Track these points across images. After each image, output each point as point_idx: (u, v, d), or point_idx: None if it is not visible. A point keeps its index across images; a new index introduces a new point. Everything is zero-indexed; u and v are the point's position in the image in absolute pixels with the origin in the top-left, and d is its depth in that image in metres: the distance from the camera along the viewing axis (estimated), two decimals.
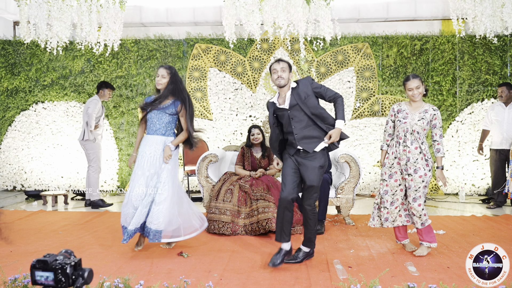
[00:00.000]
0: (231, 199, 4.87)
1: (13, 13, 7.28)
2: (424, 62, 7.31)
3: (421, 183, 3.84)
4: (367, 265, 3.77)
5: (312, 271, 3.60)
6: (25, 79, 7.72)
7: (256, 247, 4.32)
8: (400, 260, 3.90)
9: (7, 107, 7.79)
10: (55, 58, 7.63)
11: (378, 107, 7.35)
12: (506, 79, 7.13)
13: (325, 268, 3.69)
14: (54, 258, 1.41)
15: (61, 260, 1.40)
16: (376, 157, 7.35)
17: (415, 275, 3.50)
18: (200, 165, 5.38)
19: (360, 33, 7.45)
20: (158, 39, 7.61)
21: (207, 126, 7.53)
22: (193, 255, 4.06)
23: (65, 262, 1.39)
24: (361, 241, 4.53)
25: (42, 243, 4.49)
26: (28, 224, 5.31)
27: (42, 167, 7.69)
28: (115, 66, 7.62)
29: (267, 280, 3.42)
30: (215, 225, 4.78)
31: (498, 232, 4.83)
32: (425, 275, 3.51)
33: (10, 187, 7.75)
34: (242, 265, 3.78)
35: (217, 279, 3.43)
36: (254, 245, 4.38)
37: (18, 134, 7.71)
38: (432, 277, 3.44)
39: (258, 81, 7.47)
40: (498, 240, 4.47)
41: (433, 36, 7.31)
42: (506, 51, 7.19)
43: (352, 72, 7.38)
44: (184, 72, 7.57)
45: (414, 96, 3.95)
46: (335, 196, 5.28)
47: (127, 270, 3.57)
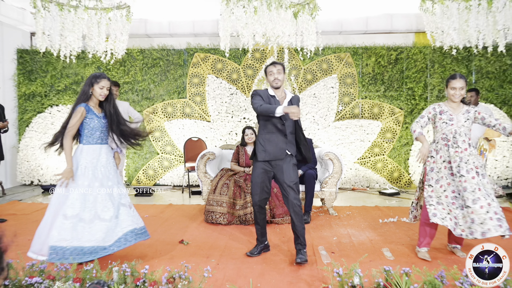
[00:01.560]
0: (227, 192, 4.87)
1: (29, 24, 7.22)
2: (399, 70, 7.35)
3: (475, 184, 3.29)
4: (348, 251, 3.79)
5: None
6: (41, 84, 7.66)
7: (249, 235, 4.33)
8: (377, 246, 3.93)
9: (25, 110, 7.73)
10: (68, 66, 7.57)
11: (358, 110, 7.38)
12: (471, 85, 7.18)
13: (311, 253, 3.70)
14: None
15: None
16: (356, 155, 7.37)
17: (390, 260, 3.53)
18: (199, 162, 5.38)
19: (342, 44, 7.47)
20: (161, 49, 7.58)
21: (205, 127, 7.52)
22: (193, 242, 4.06)
23: None
24: (343, 230, 4.55)
25: None
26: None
27: (57, 163, 7.64)
28: (123, 73, 7.59)
29: (259, 264, 3.43)
30: (213, 215, 4.78)
31: None
32: (399, 259, 3.54)
33: (28, 182, 7.69)
34: (237, 251, 3.78)
35: (215, 264, 3.43)
36: (248, 234, 4.38)
37: (35, 134, 7.65)
38: (406, 261, 3.47)
39: (251, 86, 7.47)
40: None
41: (407, 47, 7.34)
42: (471, 61, 7.24)
43: (335, 79, 7.40)
44: (185, 79, 7.55)
45: (454, 96, 3.49)
46: (320, 190, 5.30)
47: (134, 256, 3.56)
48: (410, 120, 7.33)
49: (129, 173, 7.66)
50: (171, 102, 7.57)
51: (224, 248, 3.89)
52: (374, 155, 7.41)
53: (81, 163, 3.40)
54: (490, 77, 7.21)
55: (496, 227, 3.15)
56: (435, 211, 3.39)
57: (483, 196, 3.24)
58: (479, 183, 3.29)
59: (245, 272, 3.24)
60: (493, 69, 7.19)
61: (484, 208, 3.20)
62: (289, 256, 3.64)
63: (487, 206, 3.21)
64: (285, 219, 4.79)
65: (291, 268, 3.33)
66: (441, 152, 3.48)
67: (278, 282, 3.06)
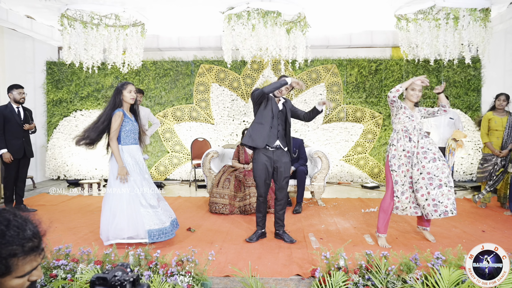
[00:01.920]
0: (229, 186, 4.85)
1: (57, 40, 7.19)
2: (379, 79, 7.34)
3: (426, 173, 3.38)
4: (334, 237, 3.78)
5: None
6: (67, 92, 7.62)
7: (249, 223, 4.32)
8: (360, 233, 3.92)
9: (53, 114, 7.69)
10: (90, 76, 7.54)
11: (343, 114, 7.37)
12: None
13: (302, 239, 3.70)
14: (113, 274, 1.17)
15: (120, 276, 1.16)
16: (341, 153, 7.36)
17: (371, 245, 3.52)
18: (204, 159, 5.36)
19: (329, 57, 7.45)
20: (171, 61, 7.56)
21: (210, 129, 7.50)
22: (199, 230, 4.04)
23: (124, 278, 1.15)
24: (330, 219, 4.54)
25: (80, 221, 4.45)
26: (69, 206, 5.25)
27: (80, 161, 7.60)
28: (138, 82, 7.55)
29: (257, 249, 3.41)
30: (216, 206, 4.76)
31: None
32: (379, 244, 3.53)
33: (55, 177, 7.65)
34: (237, 238, 3.77)
35: (218, 248, 3.42)
36: (247, 222, 4.37)
37: (61, 135, 7.61)
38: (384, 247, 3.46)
39: (250, 93, 7.44)
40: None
41: (385, 59, 7.33)
42: (440, 71, 7.24)
43: (323, 87, 7.39)
44: (192, 87, 7.53)
45: (413, 96, 3.53)
46: (310, 184, 5.29)
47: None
48: (388, 123, 7.32)
49: None
50: (179, 107, 7.54)
51: (226, 234, 3.88)
52: (357, 153, 7.40)
53: (128, 161, 3.43)
54: (456, 85, 7.21)
55: (432, 211, 3.32)
56: (398, 204, 3.43)
57: (425, 185, 3.32)
58: (433, 167, 3.32)
59: (245, 256, 3.23)
60: (459, 78, 7.19)
61: (424, 196, 3.32)
62: (283, 242, 3.63)
63: (427, 195, 3.32)
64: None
65: (284, 253, 3.32)
66: (401, 141, 3.44)
67: (273, 264, 3.05)
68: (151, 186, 3.49)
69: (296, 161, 5.27)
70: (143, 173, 3.49)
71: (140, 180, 3.42)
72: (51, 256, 2.82)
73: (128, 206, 3.34)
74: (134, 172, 3.42)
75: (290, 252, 3.32)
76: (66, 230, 4.04)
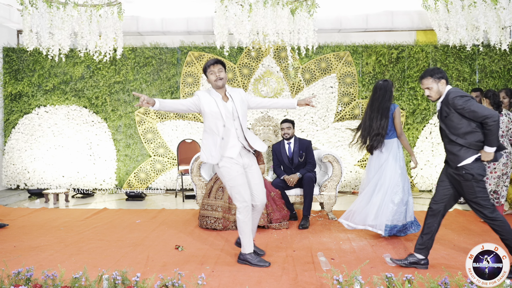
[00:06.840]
0: (222, 196, 4.85)
1: (16, 22, 7.19)
2: (400, 69, 7.37)
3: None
4: (348, 257, 3.79)
5: (297, 263, 3.61)
6: (28, 84, 7.63)
7: None
8: (379, 252, 3.92)
9: (11, 110, 7.69)
10: (56, 65, 7.55)
11: (359, 110, 7.39)
12: (475, 85, 7.21)
13: (309, 260, 3.70)
14: None
15: None
16: (356, 157, 7.38)
17: (392, 266, 3.53)
18: (193, 165, 5.36)
19: (341, 42, 7.48)
20: (153, 47, 7.57)
21: (199, 128, 7.51)
22: (187, 249, 4.04)
23: None
24: (343, 235, 4.55)
25: (44, 238, 4.44)
26: (31, 220, 5.24)
27: (44, 167, 7.60)
28: (113, 72, 7.56)
29: (256, 272, 3.41)
30: (208, 221, 4.76)
31: (468, 225, 4.87)
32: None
33: (14, 186, 7.64)
34: (233, 258, 3.77)
35: (209, 271, 3.42)
36: None
37: (21, 136, 7.61)
38: (408, 268, 3.46)
39: (247, 86, 7.46)
40: (468, 233, 4.52)
41: (409, 45, 7.36)
42: (475, 60, 7.27)
43: (335, 78, 7.41)
44: (178, 78, 7.54)
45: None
46: (319, 193, 5.30)
47: (125, 263, 3.54)
48: (412, 121, 7.34)
49: (120, 177, 7.63)
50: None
51: (219, 254, 3.87)
52: None
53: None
54: (494, 76, 7.24)
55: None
56: None
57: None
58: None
59: (241, 280, 3.22)
60: (497, 68, 7.23)
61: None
62: (287, 263, 3.63)
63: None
64: (282, 224, 4.78)
65: (289, 276, 3.32)
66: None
67: None
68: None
69: (302, 166, 5.27)
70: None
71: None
72: (8, 282, 2.81)
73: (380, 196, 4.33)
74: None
75: (295, 275, 3.32)
76: (27, 249, 4.02)
